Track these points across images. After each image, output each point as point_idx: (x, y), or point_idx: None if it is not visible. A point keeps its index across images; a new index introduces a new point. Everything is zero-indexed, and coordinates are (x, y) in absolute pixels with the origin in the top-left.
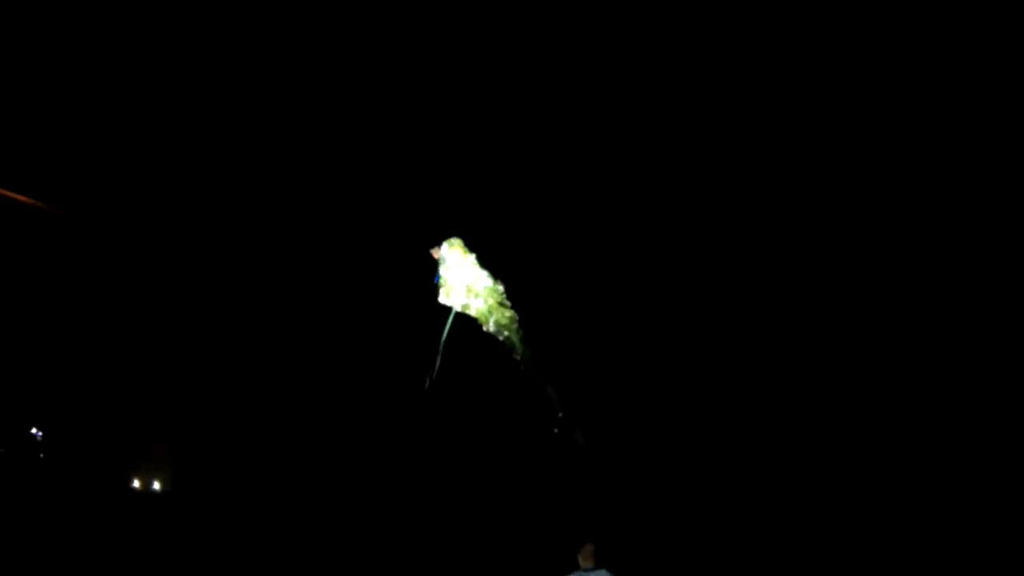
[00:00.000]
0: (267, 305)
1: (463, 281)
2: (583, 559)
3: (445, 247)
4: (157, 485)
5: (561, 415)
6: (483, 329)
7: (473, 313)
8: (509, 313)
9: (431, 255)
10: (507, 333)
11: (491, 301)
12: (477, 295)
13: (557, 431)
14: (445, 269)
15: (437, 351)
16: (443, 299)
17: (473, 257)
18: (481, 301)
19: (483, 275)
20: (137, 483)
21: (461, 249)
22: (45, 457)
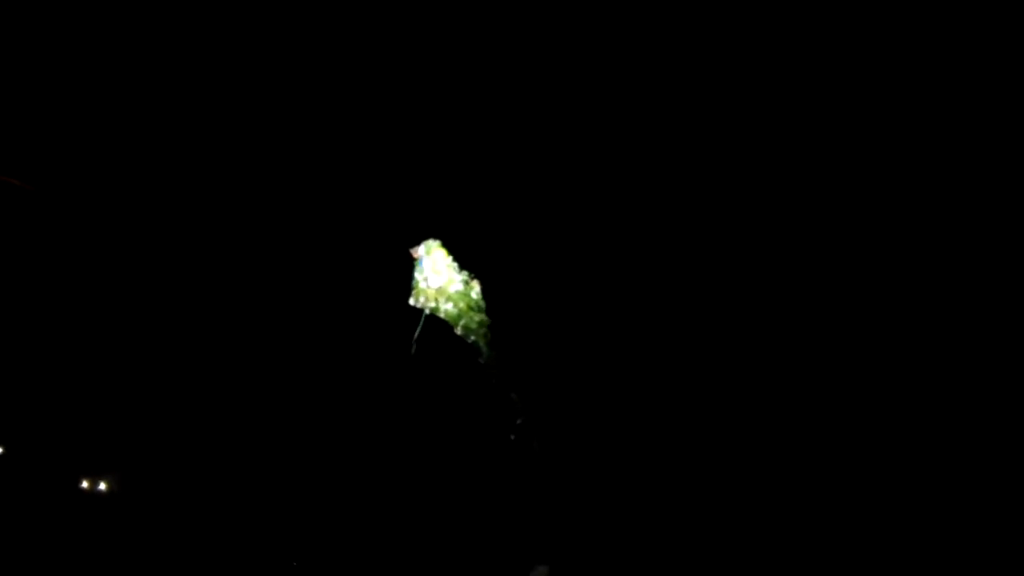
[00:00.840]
0: (236, 297)
1: (436, 283)
2: None
3: (422, 248)
4: (103, 486)
5: (520, 422)
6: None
7: (442, 315)
8: (479, 317)
9: (411, 254)
10: (474, 337)
11: (462, 305)
12: (448, 298)
13: (514, 438)
14: (419, 271)
15: (410, 350)
16: (412, 301)
17: (450, 259)
18: (451, 304)
19: (457, 278)
20: (86, 484)
21: (440, 250)
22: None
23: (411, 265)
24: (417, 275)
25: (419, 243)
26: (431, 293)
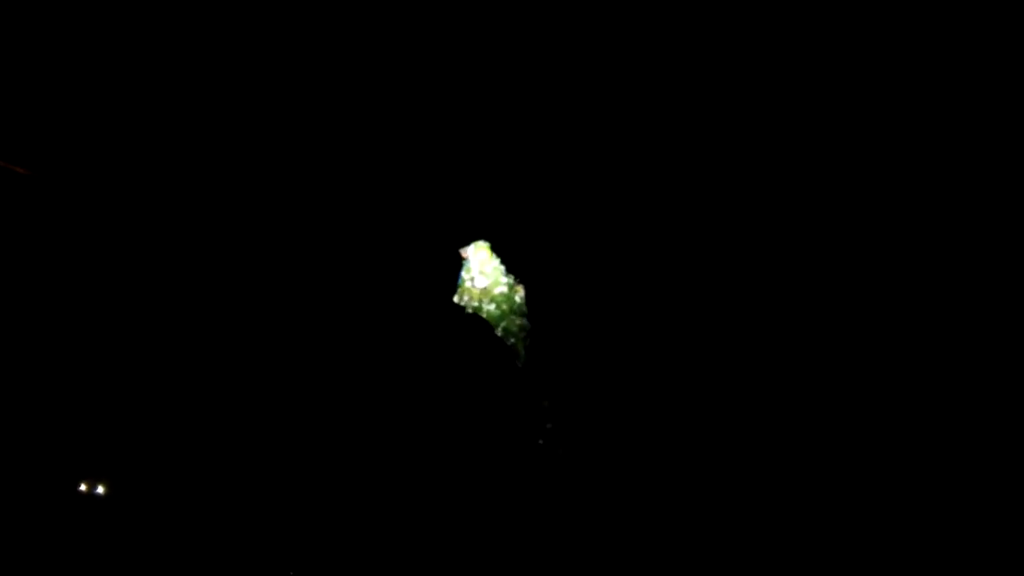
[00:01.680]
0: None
1: (481, 283)
2: None
3: (471, 248)
4: (102, 488)
5: (549, 427)
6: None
7: (484, 316)
8: (520, 321)
9: (460, 255)
10: (514, 340)
11: (505, 307)
12: (492, 299)
13: (542, 443)
14: (467, 270)
15: (448, 346)
16: (457, 298)
17: (497, 262)
18: (494, 306)
19: (503, 280)
20: (84, 486)
21: (487, 252)
22: None
23: (459, 264)
24: (464, 274)
25: (469, 244)
26: (476, 293)
